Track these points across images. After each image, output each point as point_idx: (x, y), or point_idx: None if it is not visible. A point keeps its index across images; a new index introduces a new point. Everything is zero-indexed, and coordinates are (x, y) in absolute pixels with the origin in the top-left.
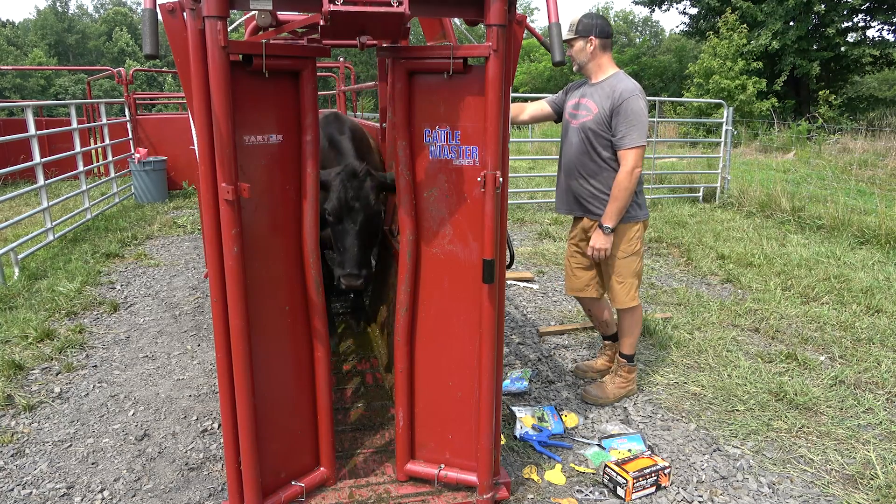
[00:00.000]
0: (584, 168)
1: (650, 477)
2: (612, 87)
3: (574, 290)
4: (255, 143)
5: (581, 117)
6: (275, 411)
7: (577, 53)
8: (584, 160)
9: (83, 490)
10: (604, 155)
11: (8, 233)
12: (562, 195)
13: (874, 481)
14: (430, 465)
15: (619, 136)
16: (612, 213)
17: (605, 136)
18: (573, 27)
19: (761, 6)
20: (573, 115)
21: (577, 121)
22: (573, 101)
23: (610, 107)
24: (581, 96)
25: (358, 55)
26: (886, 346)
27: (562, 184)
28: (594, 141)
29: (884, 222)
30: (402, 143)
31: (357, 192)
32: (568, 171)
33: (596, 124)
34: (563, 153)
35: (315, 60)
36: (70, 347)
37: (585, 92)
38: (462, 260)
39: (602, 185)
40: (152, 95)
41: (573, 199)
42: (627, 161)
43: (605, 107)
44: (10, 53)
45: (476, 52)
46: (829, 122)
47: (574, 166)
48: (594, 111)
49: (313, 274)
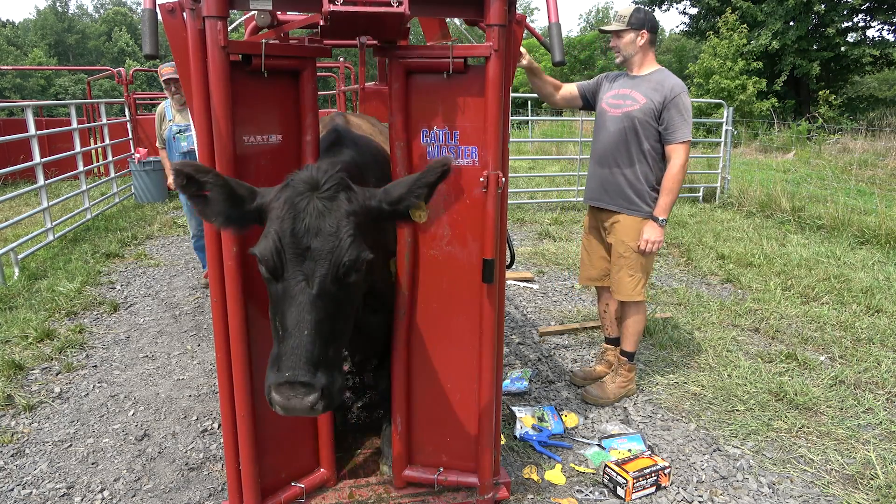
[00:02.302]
0: (621, 157)
1: (650, 477)
2: (661, 81)
3: (591, 279)
4: (255, 143)
5: (626, 106)
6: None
7: (625, 45)
8: (623, 149)
9: (83, 490)
10: (644, 146)
11: (8, 233)
12: (594, 184)
13: (874, 481)
14: (428, 470)
15: (672, 130)
16: (666, 206)
17: (652, 127)
18: (623, 18)
19: (761, 6)
20: (614, 105)
21: (620, 110)
22: (612, 92)
23: (661, 100)
24: (622, 87)
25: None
26: (886, 346)
27: (594, 173)
28: (640, 130)
29: (884, 222)
30: (399, 143)
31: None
32: (602, 159)
33: (643, 114)
34: (598, 141)
35: (315, 60)
36: (70, 347)
37: (627, 83)
38: (461, 260)
39: (634, 177)
40: (152, 95)
41: (602, 189)
42: (680, 154)
43: (655, 99)
44: (10, 53)
45: (476, 52)
46: (829, 122)
47: (611, 154)
48: (641, 101)
49: None
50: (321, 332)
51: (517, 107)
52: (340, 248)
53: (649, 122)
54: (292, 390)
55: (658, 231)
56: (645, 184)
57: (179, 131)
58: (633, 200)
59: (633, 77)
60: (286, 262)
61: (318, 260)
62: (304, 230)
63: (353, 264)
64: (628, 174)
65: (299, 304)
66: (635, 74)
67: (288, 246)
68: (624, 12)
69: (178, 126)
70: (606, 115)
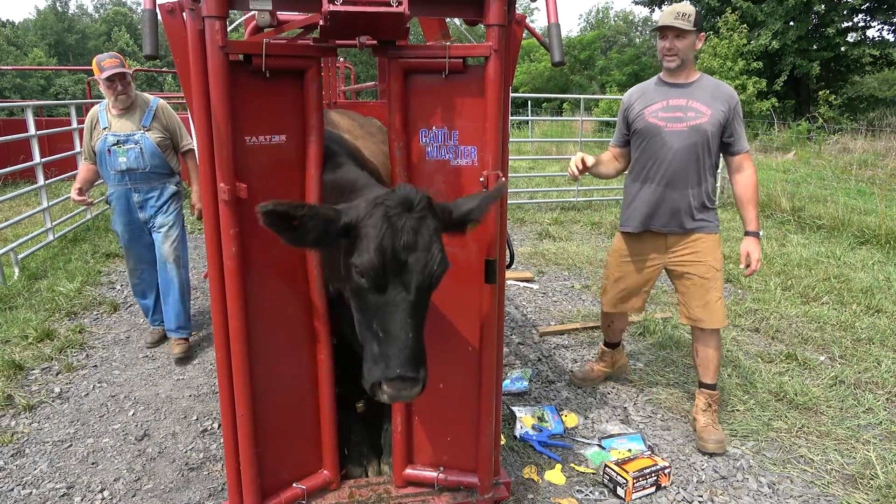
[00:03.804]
0: (691, 175)
1: (650, 477)
2: (716, 88)
3: (631, 308)
4: (258, 143)
5: (690, 119)
6: (275, 412)
7: (686, 48)
8: (694, 166)
9: (83, 490)
10: (707, 162)
11: (8, 233)
12: (661, 209)
13: (874, 481)
14: (428, 469)
15: (737, 138)
16: (756, 218)
17: (718, 139)
18: (689, 18)
19: (761, 6)
20: (671, 119)
21: (684, 124)
22: (659, 105)
23: (726, 109)
24: (673, 97)
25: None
26: (886, 346)
27: (659, 197)
28: (711, 144)
29: (884, 222)
30: (398, 143)
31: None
32: (670, 180)
33: (714, 126)
34: (660, 161)
35: (319, 60)
36: (70, 347)
37: (677, 93)
38: (460, 261)
39: (698, 196)
40: (152, 95)
41: (672, 213)
42: (750, 162)
43: (720, 108)
44: (10, 53)
45: (476, 52)
46: (829, 122)
47: (681, 174)
48: (707, 112)
49: (316, 275)
50: (418, 332)
51: (517, 107)
52: (433, 262)
53: (717, 135)
54: (403, 383)
55: (759, 246)
56: (710, 199)
57: (117, 143)
58: (710, 218)
59: (682, 86)
60: (388, 274)
61: (415, 272)
62: (403, 246)
63: (441, 274)
64: (702, 191)
65: (402, 311)
66: (684, 82)
67: (389, 261)
68: (688, 10)
69: (116, 136)
70: (664, 132)
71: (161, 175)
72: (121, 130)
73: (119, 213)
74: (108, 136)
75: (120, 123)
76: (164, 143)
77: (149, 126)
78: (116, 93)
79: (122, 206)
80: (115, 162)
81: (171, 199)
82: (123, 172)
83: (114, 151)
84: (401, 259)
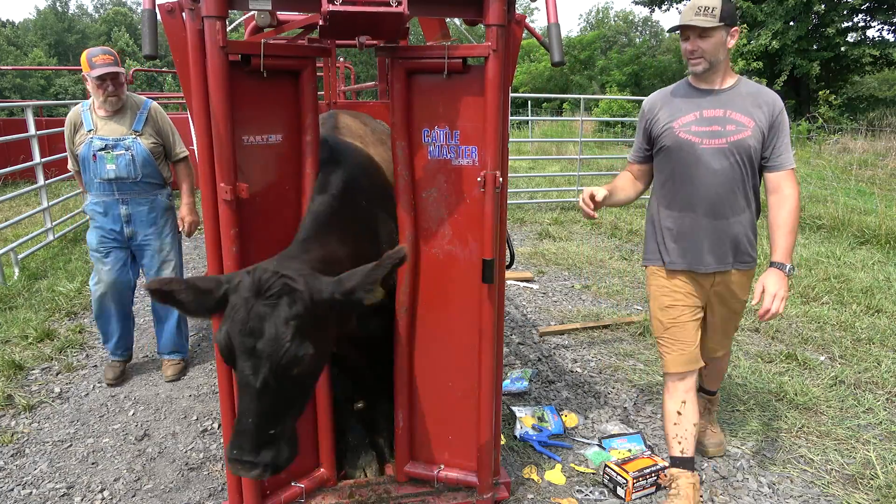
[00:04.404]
0: (734, 201)
1: (650, 477)
2: (757, 94)
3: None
4: (255, 143)
5: (730, 134)
6: None
7: (714, 48)
8: (737, 190)
9: (83, 490)
10: (749, 184)
11: (8, 233)
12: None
13: (874, 481)
14: (429, 467)
15: (779, 153)
16: (790, 249)
17: (758, 154)
18: (712, 12)
19: (761, 6)
20: (706, 133)
21: (724, 139)
22: (692, 116)
23: (768, 119)
24: (708, 107)
25: (358, 55)
26: (886, 346)
27: (698, 227)
28: (754, 163)
29: (884, 222)
30: (400, 143)
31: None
32: (713, 207)
33: (757, 141)
34: (699, 185)
35: (314, 60)
36: (70, 347)
37: (713, 101)
38: (461, 260)
39: (749, 223)
40: (152, 95)
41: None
42: (793, 181)
43: (761, 119)
44: (10, 53)
45: (475, 52)
46: (829, 122)
47: (724, 199)
48: (749, 124)
49: None
50: (265, 418)
51: (517, 107)
52: (279, 350)
53: (758, 150)
54: (241, 465)
55: (786, 282)
56: (753, 228)
57: (105, 148)
58: (748, 253)
59: (715, 93)
60: (237, 355)
61: (262, 358)
62: (248, 332)
63: (291, 363)
64: (744, 221)
65: (247, 394)
66: (718, 88)
67: (237, 345)
68: (711, 3)
69: (104, 140)
70: (699, 150)
71: (153, 185)
72: (109, 134)
73: (99, 225)
74: (93, 139)
75: (108, 126)
76: (157, 149)
77: (141, 130)
78: (107, 94)
79: (106, 219)
80: (101, 169)
81: (163, 216)
82: (111, 181)
83: (100, 157)
84: (246, 344)
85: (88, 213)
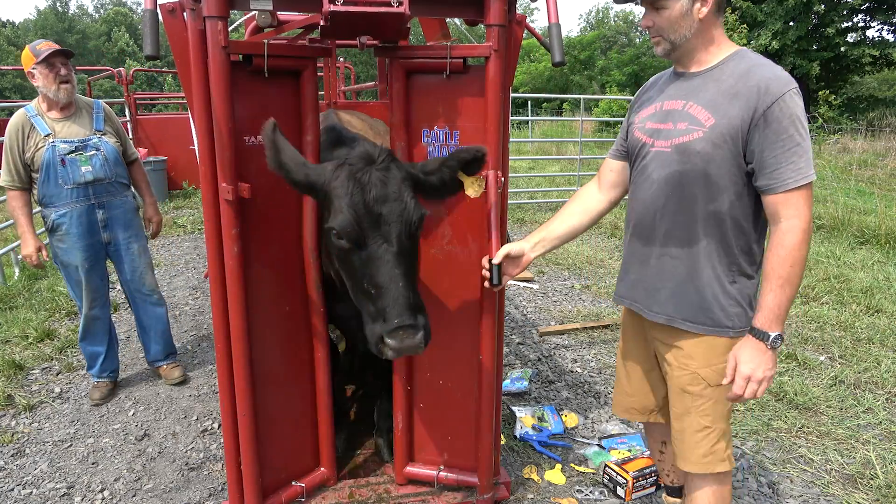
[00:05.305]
0: (675, 227)
1: (650, 477)
2: (745, 76)
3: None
4: (256, 143)
5: (676, 134)
6: (275, 411)
7: (671, 23)
8: (679, 213)
9: (83, 490)
10: (718, 205)
11: (8, 233)
12: (631, 275)
13: (874, 481)
14: (429, 468)
15: (774, 168)
16: (778, 309)
17: (730, 166)
18: None
19: (761, 6)
20: (652, 131)
21: (668, 140)
22: (652, 108)
23: (747, 115)
24: (671, 97)
25: (358, 55)
26: (886, 346)
27: (636, 257)
28: (709, 175)
29: (884, 222)
30: (400, 143)
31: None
32: (644, 233)
33: (710, 144)
34: (636, 200)
35: (315, 60)
36: (70, 347)
37: (678, 89)
38: (462, 260)
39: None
40: (152, 95)
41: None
42: (798, 210)
43: (733, 115)
44: (10, 53)
45: (476, 52)
46: (829, 122)
47: (655, 222)
48: (706, 124)
49: (314, 274)
50: (409, 281)
51: (517, 107)
52: (408, 210)
53: (726, 159)
54: (404, 332)
55: (768, 358)
56: (725, 276)
57: (74, 150)
58: (704, 309)
59: (690, 76)
60: (365, 229)
61: (392, 223)
62: (374, 199)
63: (419, 221)
64: (691, 259)
65: (387, 263)
66: (696, 70)
67: (363, 216)
68: None
69: (70, 143)
70: (646, 151)
71: (124, 186)
72: (72, 136)
73: (78, 237)
74: (56, 143)
75: (68, 128)
76: (120, 148)
77: (103, 129)
78: (60, 78)
79: (83, 228)
80: (75, 173)
81: (136, 217)
82: (87, 185)
83: (72, 160)
84: (374, 212)
85: (55, 228)
